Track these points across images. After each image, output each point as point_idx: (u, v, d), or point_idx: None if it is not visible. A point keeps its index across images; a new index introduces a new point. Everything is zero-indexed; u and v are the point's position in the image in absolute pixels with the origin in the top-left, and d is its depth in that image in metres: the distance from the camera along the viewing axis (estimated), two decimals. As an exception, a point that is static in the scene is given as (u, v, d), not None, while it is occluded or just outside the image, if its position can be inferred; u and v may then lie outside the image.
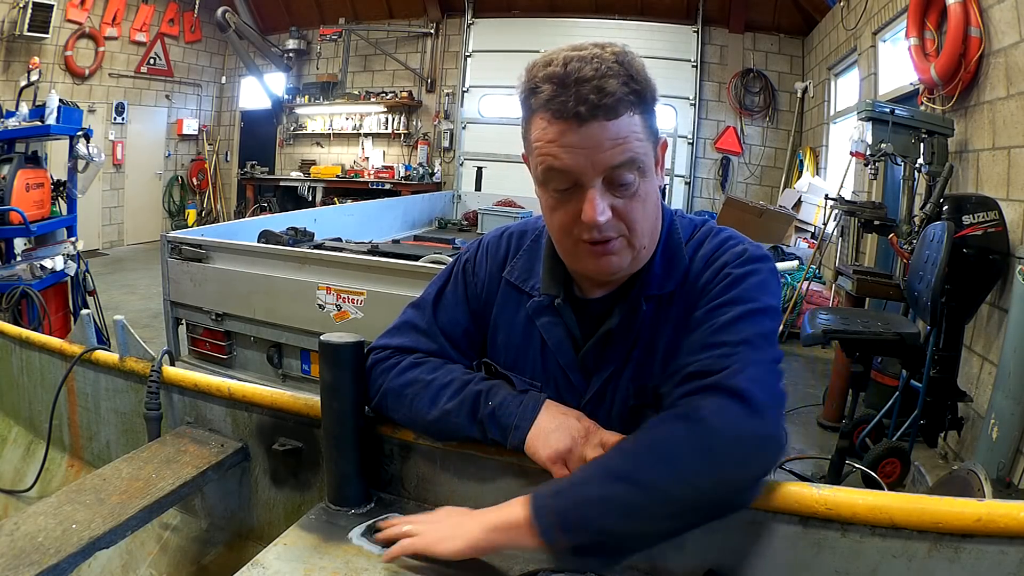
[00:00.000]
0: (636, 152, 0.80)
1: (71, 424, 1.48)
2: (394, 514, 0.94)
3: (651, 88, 0.83)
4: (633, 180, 0.82)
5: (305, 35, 9.44)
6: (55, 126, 3.67)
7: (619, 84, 0.77)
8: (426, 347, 1.00)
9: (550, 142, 0.80)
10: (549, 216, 0.88)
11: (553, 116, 0.79)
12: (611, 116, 0.78)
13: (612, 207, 0.82)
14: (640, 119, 0.81)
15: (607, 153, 0.78)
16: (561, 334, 0.96)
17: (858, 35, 5.29)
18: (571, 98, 0.77)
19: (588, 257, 0.86)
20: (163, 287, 2.98)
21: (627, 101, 0.78)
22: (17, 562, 0.83)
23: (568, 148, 0.79)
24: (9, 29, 6.88)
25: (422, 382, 0.94)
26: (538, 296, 0.97)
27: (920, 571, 0.69)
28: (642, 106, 0.81)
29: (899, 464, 2.65)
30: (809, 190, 6.16)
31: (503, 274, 1.02)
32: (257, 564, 0.81)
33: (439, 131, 8.77)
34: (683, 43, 7.80)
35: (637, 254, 0.88)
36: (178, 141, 9.60)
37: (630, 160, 0.80)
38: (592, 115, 0.77)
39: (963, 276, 2.56)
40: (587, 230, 0.82)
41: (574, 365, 0.95)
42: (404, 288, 2.41)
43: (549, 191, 0.85)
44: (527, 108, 0.84)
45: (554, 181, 0.83)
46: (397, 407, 0.96)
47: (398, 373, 0.96)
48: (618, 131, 0.78)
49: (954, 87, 3.26)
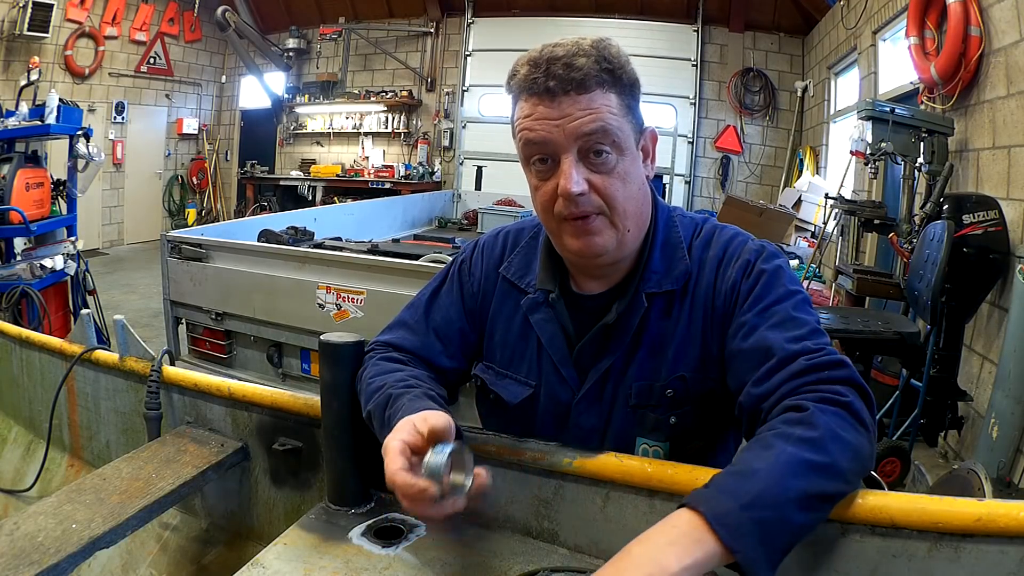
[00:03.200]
0: (608, 123, 0.82)
1: (71, 424, 1.48)
2: (394, 514, 0.94)
3: (627, 72, 0.85)
4: (609, 153, 0.84)
5: (305, 34, 9.44)
6: (55, 125, 3.67)
7: (590, 62, 0.82)
8: (410, 344, 1.01)
9: (526, 117, 0.84)
10: (534, 197, 0.90)
11: (529, 94, 0.84)
12: (582, 90, 0.81)
13: (589, 181, 0.84)
14: (616, 98, 0.84)
15: (577, 122, 0.82)
16: (555, 329, 0.96)
17: (858, 34, 5.28)
18: (543, 74, 0.82)
19: (571, 235, 0.87)
20: (163, 286, 2.98)
21: (599, 78, 0.82)
22: (17, 562, 0.83)
23: (542, 120, 0.83)
24: (9, 29, 6.88)
25: (364, 381, 0.94)
26: (533, 292, 0.97)
27: (920, 571, 0.69)
28: (617, 86, 0.84)
29: (899, 463, 2.65)
30: (809, 189, 6.15)
31: (500, 270, 1.02)
32: (257, 564, 0.81)
33: (439, 130, 8.77)
34: (683, 42, 7.80)
35: (622, 236, 0.88)
36: (178, 140, 9.60)
37: (601, 129, 0.82)
38: (563, 89, 0.81)
39: (963, 275, 2.56)
40: (566, 204, 0.84)
41: (567, 361, 0.95)
42: (404, 287, 2.41)
43: (532, 169, 0.88)
44: (510, 93, 0.88)
45: (532, 154, 0.86)
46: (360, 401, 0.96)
47: (364, 370, 0.97)
48: (589, 103, 0.82)
49: (954, 86, 3.26)
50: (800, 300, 0.85)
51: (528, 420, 0.99)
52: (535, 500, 0.89)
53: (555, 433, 0.96)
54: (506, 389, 0.99)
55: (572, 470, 0.87)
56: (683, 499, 0.65)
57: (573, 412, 0.95)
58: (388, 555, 0.84)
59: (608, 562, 0.63)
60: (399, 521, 0.92)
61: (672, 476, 0.81)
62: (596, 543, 0.86)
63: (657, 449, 0.92)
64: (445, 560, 0.83)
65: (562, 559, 0.86)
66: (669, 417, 0.91)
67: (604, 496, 0.85)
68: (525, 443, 0.91)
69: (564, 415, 0.96)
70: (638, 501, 0.83)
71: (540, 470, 0.89)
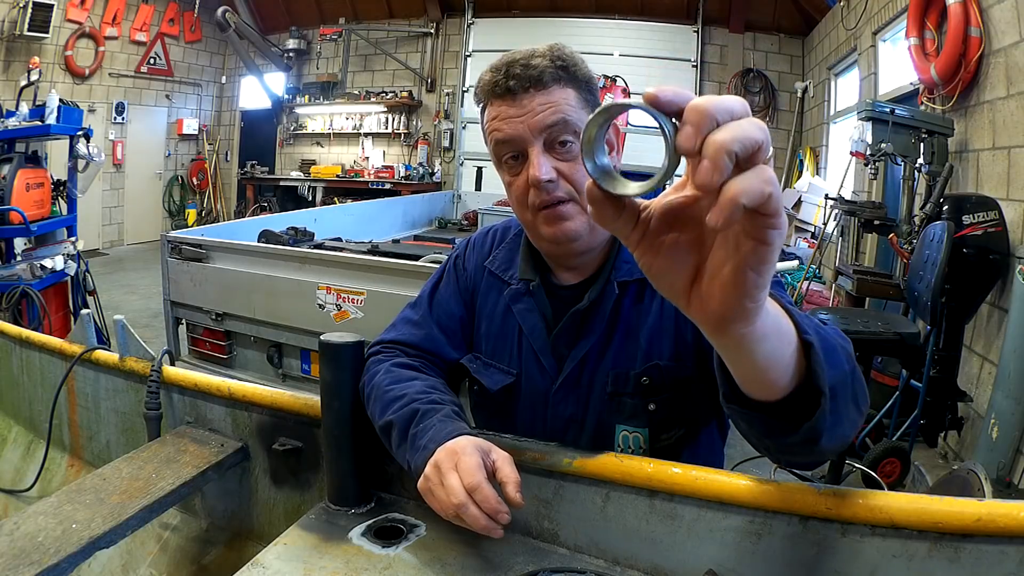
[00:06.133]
0: (568, 115, 0.88)
1: (71, 424, 1.48)
2: (394, 514, 0.94)
3: (581, 69, 0.91)
4: (573, 143, 0.88)
5: (305, 35, 9.44)
6: (55, 126, 3.68)
7: (546, 61, 0.88)
8: (416, 339, 1.04)
9: (493, 119, 0.90)
10: (510, 194, 0.94)
11: (493, 96, 0.90)
12: (540, 87, 0.88)
13: (557, 169, 0.88)
14: (573, 92, 0.89)
15: (539, 116, 0.87)
16: (535, 319, 1.00)
17: (858, 35, 5.28)
18: (503, 76, 0.88)
19: (544, 224, 0.91)
20: (163, 287, 2.98)
21: (555, 75, 0.88)
22: (17, 562, 0.83)
23: (508, 120, 0.89)
24: (9, 29, 6.88)
25: (380, 388, 0.94)
26: (515, 283, 1.01)
27: (920, 571, 0.69)
28: (573, 82, 0.90)
29: (899, 464, 2.65)
30: (809, 190, 6.15)
31: (485, 264, 1.07)
32: (257, 564, 0.81)
33: (439, 131, 8.77)
34: (683, 43, 7.80)
35: (593, 222, 0.88)
36: (178, 141, 9.60)
37: (562, 121, 0.87)
38: (523, 87, 0.87)
39: (963, 276, 2.56)
40: (537, 192, 0.89)
41: (546, 349, 0.98)
42: (404, 288, 2.41)
43: (504, 167, 0.93)
44: (479, 103, 0.94)
45: (503, 153, 0.91)
46: (366, 405, 0.97)
47: (373, 375, 0.97)
48: (548, 98, 0.88)
49: (954, 87, 3.26)
50: (775, 282, 0.86)
51: (509, 409, 1.02)
52: (535, 500, 0.89)
53: (535, 422, 0.99)
54: (489, 377, 1.03)
55: (572, 470, 0.87)
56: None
57: (552, 400, 0.98)
58: (388, 555, 0.84)
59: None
60: (399, 521, 0.92)
61: (672, 476, 0.81)
62: (596, 543, 0.86)
63: (637, 435, 0.94)
64: (445, 560, 0.83)
65: (562, 559, 0.86)
66: (647, 404, 0.93)
67: (604, 496, 0.85)
68: (525, 443, 0.91)
69: (543, 403, 0.99)
70: (638, 501, 0.83)
71: (540, 470, 0.89)
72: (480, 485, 0.74)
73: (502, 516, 0.74)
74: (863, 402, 0.66)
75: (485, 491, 0.74)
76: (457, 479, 0.75)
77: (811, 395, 0.57)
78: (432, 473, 0.78)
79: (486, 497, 0.74)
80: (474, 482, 0.74)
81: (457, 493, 0.74)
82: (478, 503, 0.74)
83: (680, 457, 0.92)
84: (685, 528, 0.81)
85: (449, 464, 0.77)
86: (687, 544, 0.80)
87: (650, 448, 0.95)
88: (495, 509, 0.74)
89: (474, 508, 0.74)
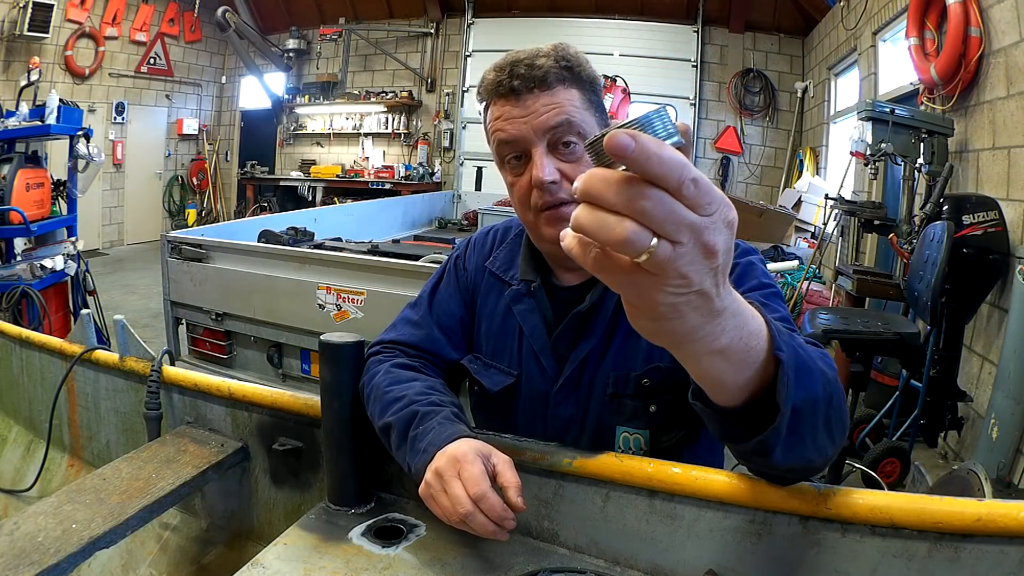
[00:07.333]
0: (572, 116, 0.87)
1: (71, 424, 1.48)
2: (394, 514, 0.94)
3: (586, 70, 0.90)
4: (576, 144, 0.88)
5: (305, 35, 9.44)
6: (55, 126, 3.68)
7: (550, 61, 0.87)
8: (416, 339, 1.04)
9: (497, 119, 0.90)
10: (512, 194, 0.94)
11: (497, 96, 0.90)
12: (544, 87, 0.87)
13: (561, 171, 0.88)
14: (578, 93, 0.89)
15: (543, 117, 0.87)
16: (536, 320, 0.99)
17: (858, 35, 5.28)
18: (507, 76, 0.88)
19: (546, 225, 0.91)
20: (163, 287, 2.98)
21: (559, 75, 0.88)
22: (17, 562, 0.83)
23: (511, 120, 0.88)
24: (9, 29, 6.88)
25: (380, 389, 0.94)
26: (516, 284, 1.01)
27: (920, 571, 0.69)
28: (577, 82, 0.89)
29: (899, 464, 2.65)
30: (809, 190, 6.15)
31: (486, 264, 1.07)
32: (257, 564, 0.81)
33: (439, 131, 8.76)
34: (683, 43, 7.80)
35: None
36: (178, 141, 9.60)
37: (566, 122, 0.87)
38: (527, 87, 0.87)
39: (963, 276, 2.56)
40: (540, 194, 0.88)
41: (547, 350, 0.98)
42: (404, 288, 2.41)
43: (507, 168, 0.92)
44: (482, 102, 0.94)
45: (506, 153, 0.91)
46: (366, 406, 0.97)
47: (372, 375, 0.97)
48: (552, 99, 0.87)
49: (954, 87, 3.26)
50: (771, 293, 0.87)
51: (509, 410, 1.01)
52: (535, 500, 0.89)
53: (535, 423, 0.99)
54: (489, 378, 1.02)
55: (572, 470, 0.87)
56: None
57: (552, 401, 0.97)
58: (388, 555, 0.84)
59: None
60: (399, 521, 0.92)
61: (672, 476, 0.81)
62: (596, 543, 0.86)
63: (638, 437, 0.94)
64: (445, 560, 0.83)
65: (562, 559, 0.86)
66: (648, 406, 0.93)
67: (604, 496, 0.85)
68: (525, 443, 0.91)
69: (544, 405, 0.98)
70: (638, 501, 0.83)
71: (540, 470, 0.89)
72: (486, 495, 0.74)
73: (508, 523, 0.74)
74: (838, 432, 0.66)
75: (491, 500, 0.74)
76: (461, 488, 0.75)
77: (771, 410, 0.57)
78: (434, 480, 0.78)
79: (492, 506, 0.74)
80: (479, 492, 0.74)
81: (463, 503, 0.74)
82: (484, 512, 0.74)
83: (680, 457, 0.92)
84: (685, 528, 0.81)
85: (452, 472, 0.77)
86: (687, 544, 0.80)
87: (651, 450, 0.94)
88: (501, 517, 0.74)
89: (481, 516, 0.74)
